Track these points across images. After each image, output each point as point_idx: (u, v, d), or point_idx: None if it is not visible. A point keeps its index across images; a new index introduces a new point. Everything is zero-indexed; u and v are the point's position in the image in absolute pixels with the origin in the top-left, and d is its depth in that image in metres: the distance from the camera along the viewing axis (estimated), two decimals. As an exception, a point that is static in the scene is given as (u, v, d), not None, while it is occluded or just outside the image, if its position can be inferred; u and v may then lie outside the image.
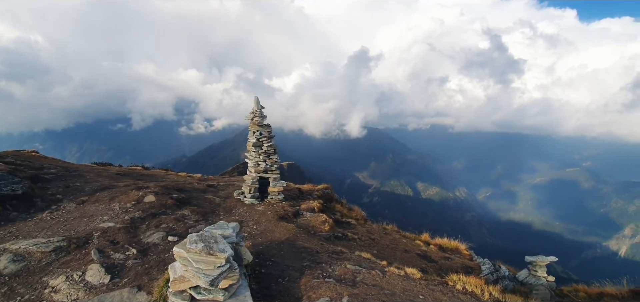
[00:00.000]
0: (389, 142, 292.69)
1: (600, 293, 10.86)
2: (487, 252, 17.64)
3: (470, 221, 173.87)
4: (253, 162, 12.46)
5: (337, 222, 14.41)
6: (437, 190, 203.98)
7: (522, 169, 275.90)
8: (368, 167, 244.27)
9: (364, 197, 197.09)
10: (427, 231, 16.07)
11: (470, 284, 7.24)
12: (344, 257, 8.83)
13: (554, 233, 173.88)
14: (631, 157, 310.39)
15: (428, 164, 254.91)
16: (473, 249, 14.92)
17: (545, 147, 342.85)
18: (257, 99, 12.28)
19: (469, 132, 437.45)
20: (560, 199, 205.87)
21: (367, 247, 11.61)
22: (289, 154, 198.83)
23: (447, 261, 12.30)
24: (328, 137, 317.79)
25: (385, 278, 7.32)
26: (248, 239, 9.70)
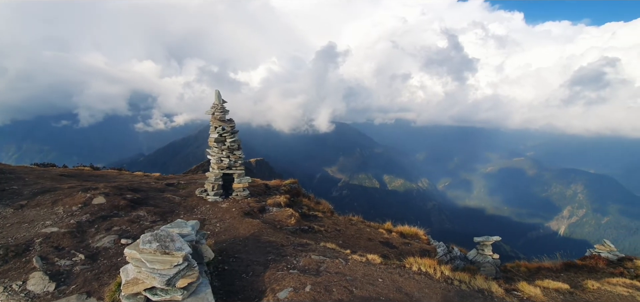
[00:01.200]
0: (356, 136, 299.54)
1: (538, 267, 12.29)
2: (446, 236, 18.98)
3: (432, 209, 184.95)
4: (216, 158, 12.08)
5: (304, 215, 14.55)
6: (402, 181, 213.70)
7: (476, 159, 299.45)
8: (337, 161, 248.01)
9: (334, 191, 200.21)
10: (392, 220, 16.78)
11: (424, 265, 7.81)
12: (309, 248, 9.00)
13: (503, 216, 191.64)
14: (568, 146, 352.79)
15: (393, 157, 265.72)
16: (431, 234, 15.98)
17: (495, 139, 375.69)
18: (218, 93, 11.89)
19: (430, 126, 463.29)
20: (508, 186, 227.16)
21: (333, 238, 11.91)
22: (257, 150, 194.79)
23: (407, 246, 13.06)
24: (297, 132, 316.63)
25: (348, 265, 7.61)
26: (211, 237, 9.46)
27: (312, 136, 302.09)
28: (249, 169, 66.88)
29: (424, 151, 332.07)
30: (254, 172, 75.57)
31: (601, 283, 8.64)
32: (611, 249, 12.38)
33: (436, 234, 17.66)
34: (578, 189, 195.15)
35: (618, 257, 12.03)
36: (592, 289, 7.99)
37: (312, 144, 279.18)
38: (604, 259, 11.71)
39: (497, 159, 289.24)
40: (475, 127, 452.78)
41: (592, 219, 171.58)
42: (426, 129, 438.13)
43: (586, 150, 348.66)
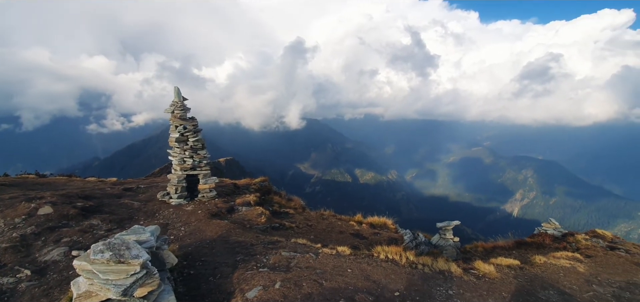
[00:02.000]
0: (327, 132, 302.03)
1: (493, 246, 13.36)
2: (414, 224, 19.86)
3: (401, 199, 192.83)
4: (178, 159, 11.48)
5: (275, 213, 14.40)
6: (373, 174, 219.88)
7: (440, 150, 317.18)
8: (309, 157, 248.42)
9: (307, 187, 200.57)
10: (365, 212, 17.15)
11: (391, 252, 8.12)
12: (280, 245, 8.94)
13: (465, 202, 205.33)
14: (519, 135, 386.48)
15: (364, 151, 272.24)
16: (399, 223, 16.63)
17: (456, 131, 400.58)
18: (178, 89, 11.27)
19: (397, 120, 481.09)
20: (468, 174, 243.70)
21: (304, 234, 11.93)
22: (226, 149, 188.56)
23: (376, 236, 13.48)
24: (267, 129, 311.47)
25: (318, 259, 7.68)
26: (175, 241, 9.02)
27: (283, 133, 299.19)
28: (218, 169, 64.10)
29: (392, 144, 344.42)
30: (223, 172, 73.06)
31: (547, 257, 9.61)
32: (556, 227, 13.80)
33: (405, 223, 18.40)
34: (528, 174, 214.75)
35: (562, 233, 13.46)
36: (539, 263, 8.88)
37: (284, 141, 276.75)
38: (550, 236, 13.02)
39: (458, 149, 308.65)
40: (438, 120, 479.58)
41: (541, 200, 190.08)
42: (393, 123, 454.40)
43: (535, 138, 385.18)
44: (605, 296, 7.34)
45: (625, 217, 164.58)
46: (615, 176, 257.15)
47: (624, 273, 8.86)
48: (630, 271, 9.08)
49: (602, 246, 11.18)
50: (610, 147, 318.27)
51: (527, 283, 7.41)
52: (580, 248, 10.87)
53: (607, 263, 9.59)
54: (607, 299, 7.20)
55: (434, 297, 6.45)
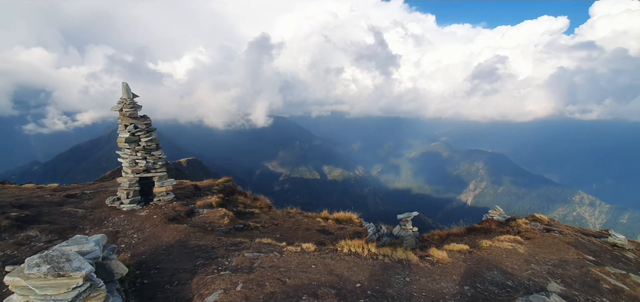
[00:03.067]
0: (295, 130, 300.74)
1: (447, 234, 14.35)
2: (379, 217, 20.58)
3: (368, 194, 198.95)
4: (129, 161, 10.64)
5: (240, 213, 14.04)
6: (341, 171, 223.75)
7: (403, 146, 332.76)
8: (277, 156, 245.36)
9: (275, 185, 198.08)
10: (333, 208, 17.37)
11: (354, 246, 8.38)
12: (243, 246, 8.75)
13: (425, 194, 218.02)
14: (472, 131, 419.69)
15: (331, 148, 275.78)
16: (367, 217, 17.14)
17: (416, 127, 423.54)
18: (127, 85, 10.42)
19: (362, 117, 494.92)
20: (428, 167, 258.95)
21: (270, 233, 11.80)
22: (188, 149, 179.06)
23: (342, 231, 13.78)
24: (232, 128, 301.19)
25: (282, 258, 7.66)
26: (126, 250, 8.41)
27: (249, 131, 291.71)
28: (178, 171, 60.63)
29: (359, 140, 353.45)
30: (185, 174, 69.36)
31: (493, 241, 10.59)
32: (501, 213, 15.23)
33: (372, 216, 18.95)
34: (480, 166, 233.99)
35: (506, 218, 14.89)
36: (486, 247, 9.76)
37: (250, 140, 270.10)
38: (496, 222, 14.34)
39: (419, 144, 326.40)
40: (400, 118, 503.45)
41: (491, 189, 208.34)
42: (359, 121, 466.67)
43: (485, 133, 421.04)
44: (541, 273, 8.29)
45: (562, 202, 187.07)
46: (553, 166, 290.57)
47: (557, 252, 10.08)
48: (563, 249, 10.34)
49: (539, 229, 12.58)
50: (548, 140, 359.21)
51: (474, 265, 8.11)
52: (521, 231, 12.13)
53: (544, 244, 10.82)
54: (543, 276, 8.15)
55: (393, 285, 6.79)
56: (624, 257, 10.69)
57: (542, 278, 7.76)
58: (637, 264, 10.40)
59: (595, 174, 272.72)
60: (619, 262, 10.14)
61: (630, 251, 11.36)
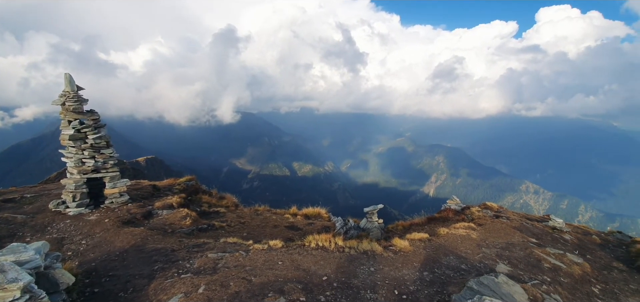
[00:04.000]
0: (263, 126, 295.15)
1: (410, 224, 15.08)
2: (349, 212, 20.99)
3: (337, 189, 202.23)
4: (74, 160, 9.66)
5: (204, 213, 13.49)
6: (310, 167, 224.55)
7: (370, 141, 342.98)
8: (245, 153, 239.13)
9: (244, 183, 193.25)
10: (303, 205, 17.34)
11: (321, 240, 8.47)
12: (207, 247, 8.42)
13: (392, 187, 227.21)
14: (433, 127, 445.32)
15: (301, 144, 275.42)
16: (336, 212, 17.39)
17: (383, 123, 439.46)
18: (70, 77, 9.41)
19: (331, 113, 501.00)
20: (394, 162, 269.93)
21: (237, 232, 11.50)
22: (147, 147, 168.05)
23: (310, 226, 13.87)
24: (197, 124, 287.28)
25: (248, 256, 7.50)
26: (74, 257, 7.68)
27: (215, 128, 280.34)
28: (137, 170, 56.63)
29: (328, 136, 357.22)
30: (144, 173, 65.01)
31: (449, 228, 11.34)
32: (457, 202, 16.37)
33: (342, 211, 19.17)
34: (440, 160, 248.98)
35: (461, 207, 16.03)
36: (443, 234, 10.43)
37: (216, 136, 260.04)
38: (453, 211, 15.37)
39: (386, 140, 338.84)
40: (367, 114, 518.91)
41: (450, 181, 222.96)
42: (328, 117, 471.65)
43: (444, 129, 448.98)
44: (491, 256, 9.05)
45: (511, 191, 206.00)
46: (503, 158, 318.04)
47: (505, 236, 11.07)
48: (509, 233, 11.39)
49: (490, 216, 13.73)
50: (499, 135, 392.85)
51: (433, 252, 8.64)
52: (474, 219, 13.14)
53: (493, 229, 11.82)
54: (492, 258, 8.91)
55: (358, 275, 6.99)
56: (562, 239, 12.05)
57: (492, 260, 8.49)
58: (573, 244, 11.78)
59: (539, 165, 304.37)
60: (558, 244, 11.41)
61: (567, 233, 12.85)
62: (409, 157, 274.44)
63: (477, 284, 6.63)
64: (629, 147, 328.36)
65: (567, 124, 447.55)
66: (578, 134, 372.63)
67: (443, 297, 6.36)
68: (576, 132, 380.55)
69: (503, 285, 6.72)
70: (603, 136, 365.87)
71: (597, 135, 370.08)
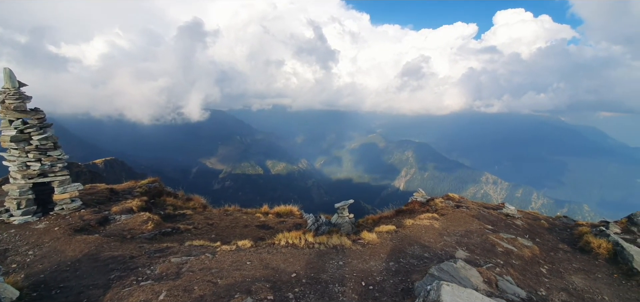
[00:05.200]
0: (234, 124, 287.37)
1: (379, 217, 15.57)
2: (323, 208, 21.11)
3: (312, 186, 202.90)
4: (17, 164, 8.73)
5: (168, 216, 12.88)
6: (284, 165, 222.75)
7: (344, 138, 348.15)
8: (216, 152, 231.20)
9: (215, 183, 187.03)
10: (278, 203, 17.15)
11: (291, 238, 8.47)
12: (170, 252, 8.06)
13: (365, 183, 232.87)
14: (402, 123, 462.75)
15: (274, 142, 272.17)
16: (311, 209, 17.40)
17: (355, 120, 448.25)
18: (10, 72, 8.45)
19: (304, 110, 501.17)
20: (367, 158, 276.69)
21: (204, 234, 11.12)
22: (106, 147, 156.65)
23: (282, 224, 13.79)
24: (162, 122, 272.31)
25: (215, 258, 7.29)
26: (19, 270, 6.98)
27: (182, 126, 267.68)
28: (94, 173, 52.67)
29: (302, 134, 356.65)
30: (103, 177, 60.68)
31: (415, 220, 11.88)
32: (423, 195, 17.17)
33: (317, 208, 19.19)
34: (409, 155, 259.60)
35: (426, 199, 16.84)
36: (409, 225, 10.92)
37: (184, 135, 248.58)
38: (418, 203, 16.11)
39: (358, 136, 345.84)
40: (340, 111, 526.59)
41: (419, 175, 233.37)
42: (301, 114, 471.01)
43: (412, 125, 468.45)
44: (451, 243, 9.64)
45: (473, 182, 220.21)
46: (466, 152, 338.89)
47: (464, 224, 11.83)
48: (468, 221, 12.18)
49: (452, 206, 14.57)
50: (461, 130, 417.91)
51: (399, 243, 9.02)
52: (438, 209, 13.88)
53: (454, 218, 12.58)
54: (452, 245, 9.49)
55: (327, 270, 7.09)
56: (514, 225, 13.12)
57: (452, 247, 9.05)
58: (524, 229, 12.88)
59: (497, 157, 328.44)
60: (511, 229, 12.42)
61: (519, 219, 14.01)
62: (380, 153, 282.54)
63: (437, 270, 7.03)
64: (575, 140, 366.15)
65: (520, 119, 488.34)
66: (530, 128, 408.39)
67: (407, 285, 6.67)
68: (529, 126, 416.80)
69: (461, 270, 7.19)
70: (552, 130, 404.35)
71: (547, 129, 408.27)
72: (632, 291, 8.01)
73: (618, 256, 9.45)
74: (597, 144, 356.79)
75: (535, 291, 7.28)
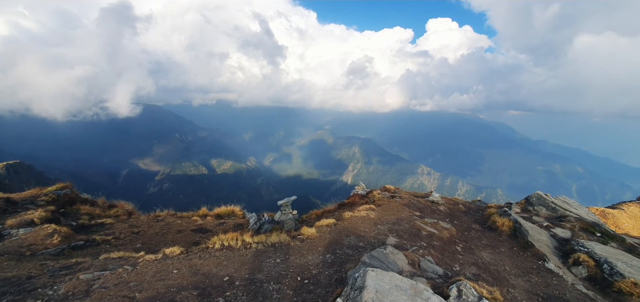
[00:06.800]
0: (173, 120, 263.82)
1: (323, 212, 15.94)
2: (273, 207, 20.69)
3: (261, 184, 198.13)
4: None
5: (82, 227, 11.22)
6: (231, 163, 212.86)
7: (293, 134, 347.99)
8: (151, 151, 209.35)
9: (151, 186, 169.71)
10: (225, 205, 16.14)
11: (227, 239, 8.12)
12: (81, 267, 7.03)
13: (315, 178, 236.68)
14: (349, 119, 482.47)
15: (219, 140, 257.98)
16: (255, 208, 16.85)
17: (304, 116, 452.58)
18: None
19: (252, 106, 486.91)
20: (316, 153, 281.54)
21: (126, 245, 9.97)
22: (8, 149, 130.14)
23: (222, 226, 13.15)
24: (80, 118, 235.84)
25: (135, 270, 6.58)
26: None
27: (107, 123, 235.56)
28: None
29: (250, 130, 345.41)
30: (5, 184, 50.35)
31: (353, 212, 12.48)
32: (363, 188, 18.12)
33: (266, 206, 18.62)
34: (356, 150, 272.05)
35: (366, 192, 17.83)
36: (347, 218, 11.43)
37: (110, 134, 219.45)
38: (359, 195, 16.96)
39: (307, 132, 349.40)
40: (289, 107, 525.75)
41: (365, 169, 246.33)
42: (248, 110, 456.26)
43: (358, 121, 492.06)
44: (383, 231, 10.37)
45: (411, 174, 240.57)
46: (405, 146, 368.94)
47: (396, 213, 12.83)
48: (400, 210, 13.26)
49: (387, 197, 15.69)
50: (401, 127, 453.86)
51: (337, 235, 9.37)
52: (375, 201, 14.81)
53: (389, 208, 13.57)
54: (385, 233, 10.22)
55: (263, 269, 6.99)
56: (438, 210, 14.71)
57: (384, 235, 9.74)
58: (445, 214, 14.51)
59: (430, 150, 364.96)
60: (435, 214, 13.88)
61: (443, 205, 15.75)
62: (329, 149, 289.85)
63: (369, 257, 7.49)
64: (490, 134, 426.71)
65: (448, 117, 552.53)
66: (456, 125, 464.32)
67: (341, 275, 6.96)
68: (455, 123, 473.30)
69: (390, 255, 7.79)
70: (473, 127, 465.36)
71: (469, 126, 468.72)
72: (527, 260, 9.64)
73: (517, 232, 11.28)
74: (507, 138, 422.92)
75: (451, 267, 8.28)
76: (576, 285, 7.95)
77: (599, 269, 8.26)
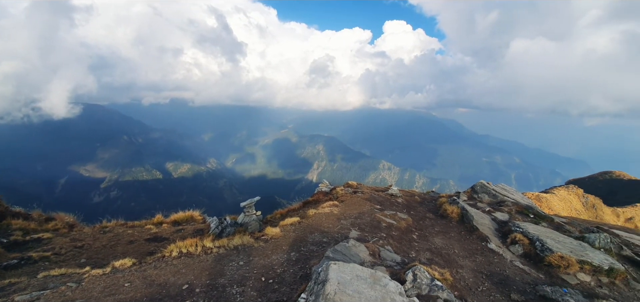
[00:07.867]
0: (120, 121, 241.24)
1: (287, 211, 15.92)
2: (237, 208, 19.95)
3: (223, 187, 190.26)
4: None
5: (15, 244, 9.87)
6: (189, 166, 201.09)
7: (256, 133, 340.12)
8: (94, 156, 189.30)
9: (95, 195, 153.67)
10: (183, 210, 15.17)
11: (185, 246, 7.75)
12: (15, 289, 6.21)
13: (280, 178, 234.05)
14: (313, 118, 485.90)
15: (175, 141, 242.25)
16: (218, 211, 16.18)
17: (267, 115, 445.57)
18: None
19: (210, 105, 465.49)
20: (280, 153, 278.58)
21: (69, 260, 9.00)
22: None
23: (179, 233, 12.46)
24: (8, 121, 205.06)
25: (80, 287, 5.99)
26: None
27: (40, 126, 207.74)
28: None
29: (209, 130, 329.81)
30: None
31: (318, 209, 12.68)
32: (327, 185, 18.45)
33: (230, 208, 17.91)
34: (320, 148, 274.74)
35: (330, 188, 18.19)
36: (312, 215, 11.58)
37: (45, 138, 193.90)
38: (323, 193, 17.24)
39: (271, 131, 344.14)
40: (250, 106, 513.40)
41: (329, 167, 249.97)
42: (206, 109, 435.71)
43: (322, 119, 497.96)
44: (346, 226, 10.71)
45: (373, 170, 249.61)
46: (367, 143, 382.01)
47: (359, 207, 13.32)
48: (362, 204, 13.78)
49: (350, 192, 16.19)
50: (362, 124, 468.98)
51: (301, 233, 9.47)
52: (338, 197, 15.19)
53: (351, 203, 14.03)
54: (347, 227, 10.57)
55: (226, 273, 6.82)
56: (396, 202, 15.56)
57: (347, 229, 10.08)
58: (403, 205, 15.40)
59: (390, 146, 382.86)
60: (394, 206, 14.67)
61: (401, 197, 16.69)
62: (293, 148, 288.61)
63: (332, 252, 7.71)
64: (442, 130, 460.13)
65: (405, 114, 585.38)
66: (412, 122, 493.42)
67: (305, 272, 7.07)
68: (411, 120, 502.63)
69: (352, 248, 8.10)
70: (427, 123, 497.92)
71: (424, 123, 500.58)
72: (473, 242, 10.64)
73: (464, 218, 12.39)
74: (457, 133, 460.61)
75: (408, 254, 8.86)
76: (514, 261, 9.02)
77: (533, 247, 9.45)
